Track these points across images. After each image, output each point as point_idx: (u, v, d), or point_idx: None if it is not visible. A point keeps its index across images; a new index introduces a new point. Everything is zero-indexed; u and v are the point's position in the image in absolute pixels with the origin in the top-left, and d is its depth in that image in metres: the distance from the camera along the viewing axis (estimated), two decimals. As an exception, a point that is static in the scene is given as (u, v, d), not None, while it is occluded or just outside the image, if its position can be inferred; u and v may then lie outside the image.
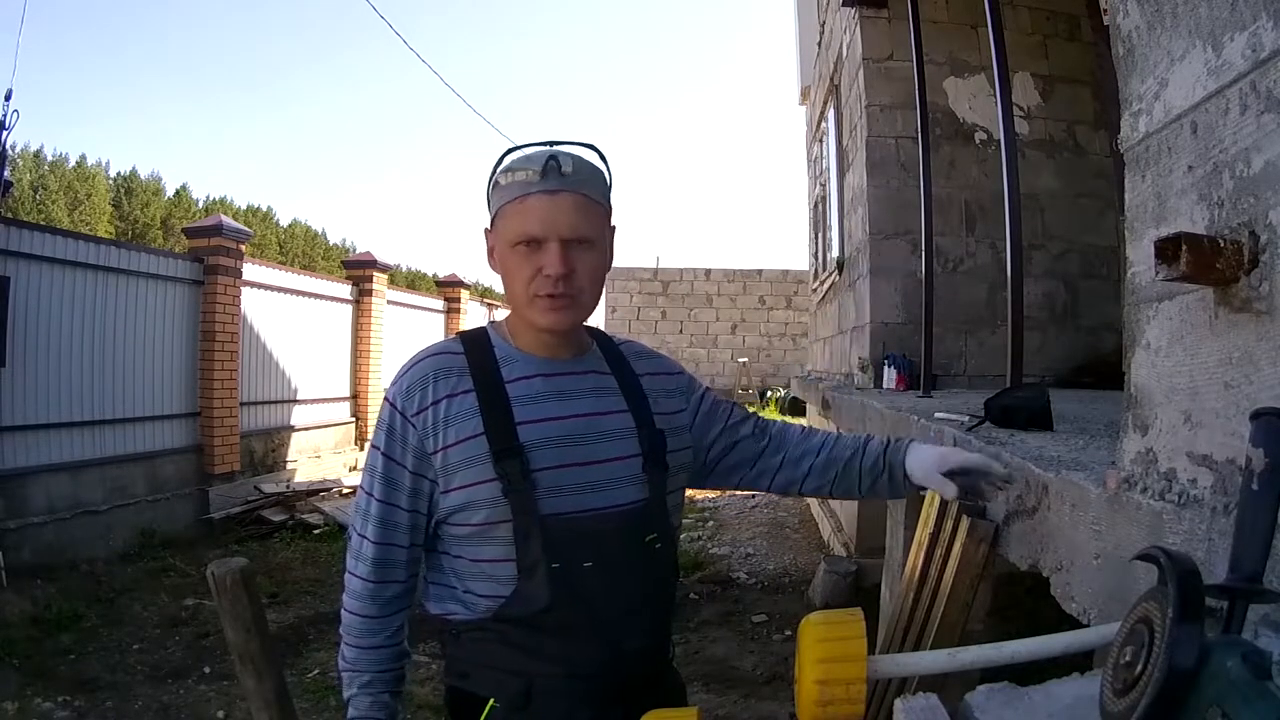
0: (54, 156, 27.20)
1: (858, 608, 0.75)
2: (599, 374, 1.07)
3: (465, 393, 0.98)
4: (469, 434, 0.97)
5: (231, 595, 1.42)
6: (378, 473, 1.00)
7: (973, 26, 4.20)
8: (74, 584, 4.17)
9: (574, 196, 0.96)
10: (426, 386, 0.99)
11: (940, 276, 3.84)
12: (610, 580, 0.97)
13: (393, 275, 9.31)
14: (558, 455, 0.97)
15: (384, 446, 1.00)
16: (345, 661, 1.06)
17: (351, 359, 8.12)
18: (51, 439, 4.70)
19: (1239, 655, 0.46)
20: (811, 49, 7.20)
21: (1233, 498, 0.75)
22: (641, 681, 1.02)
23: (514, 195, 0.96)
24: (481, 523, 0.97)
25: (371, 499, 1.00)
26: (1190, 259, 0.75)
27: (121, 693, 3.04)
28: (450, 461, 0.97)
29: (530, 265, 0.96)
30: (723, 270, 15.33)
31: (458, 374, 1.00)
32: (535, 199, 0.95)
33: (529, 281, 0.97)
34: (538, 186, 0.95)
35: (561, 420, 1.00)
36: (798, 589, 4.43)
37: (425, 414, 0.98)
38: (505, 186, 0.98)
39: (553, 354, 1.04)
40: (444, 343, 1.06)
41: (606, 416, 1.03)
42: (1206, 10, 0.82)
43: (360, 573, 1.02)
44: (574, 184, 0.96)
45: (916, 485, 1.14)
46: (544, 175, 0.95)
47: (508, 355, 1.03)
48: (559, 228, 0.95)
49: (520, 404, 0.99)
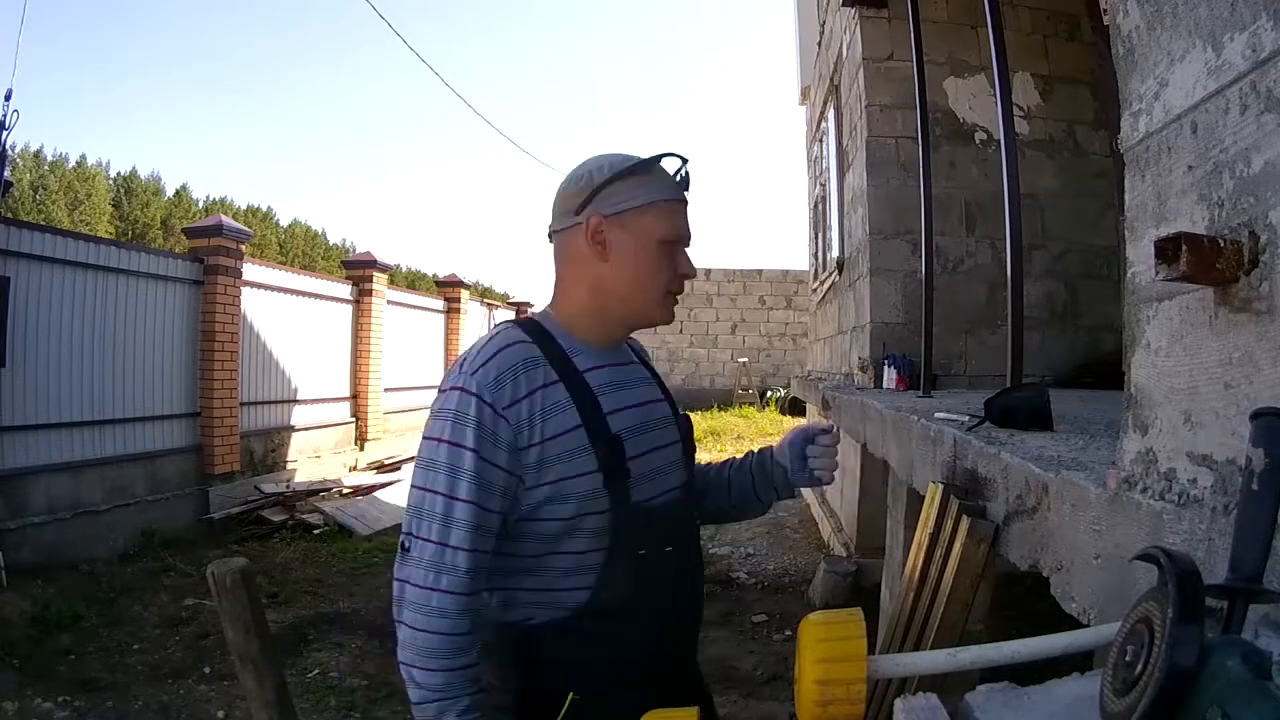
0: (54, 156, 27.24)
1: (858, 608, 0.75)
2: (636, 365, 1.12)
3: (554, 384, 0.96)
4: (569, 426, 0.95)
5: (231, 595, 1.43)
6: (466, 472, 0.91)
7: (973, 26, 4.20)
8: (74, 584, 4.17)
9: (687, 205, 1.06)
10: (518, 377, 0.94)
11: (940, 276, 3.84)
12: (681, 562, 1.03)
13: (393, 275, 9.31)
14: (638, 443, 1.00)
15: (471, 442, 0.91)
16: (430, 691, 0.92)
17: (351, 359, 8.12)
18: (51, 439, 4.70)
19: (1239, 655, 0.46)
20: (811, 49, 7.20)
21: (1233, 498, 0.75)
22: (690, 655, 1.11)
23: (663, 196, 1.01)
24: (571, 515, 0.95)
25: (456, 502, 0.91)
26: (1190, 259, 0.75)
27: (121, 693, 3.04)
28: (547, 455, 0.93)
29: (669, 265, 1.02)
30: (723, 270, 15.33)
31: (542, 365, 0.97)
32: (679, 205, 1.03)
33: (669, 279, 1.03)
34: (680, 194, 1.03)
35: (635, 409, 1.04)
36: (798, 589, 4.43)
37: (519, 406, 0.93)
38: (660, 183, 1.01)
39: (611, 347, 1.07)
40: (510, 332, 1.00)
41: (656, 404, 1.09)
42: (1206, 10, 0.82)
43: (448, 586, 0.91)
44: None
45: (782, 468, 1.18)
46: (685, 186, 1.04)
47: (573, 348, 1.02)
48: (689, 233, 1.05)
49: (602, 395, 0.99)
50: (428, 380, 9.96)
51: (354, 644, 3.61)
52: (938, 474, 1.94)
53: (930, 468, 2.04)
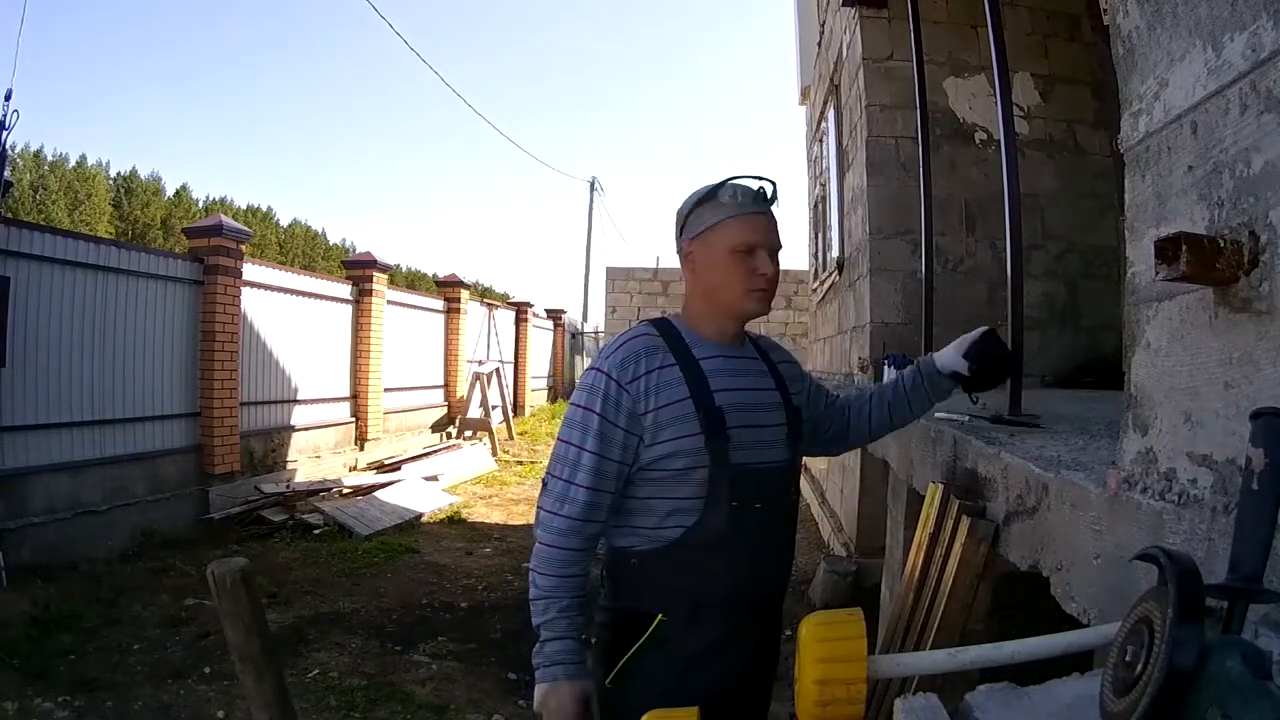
0: (54, 156, 27.18)
1: (858, 608, 0.75)
2: (756, 360, 1.35)
3: (670, 365, 1.23)
4: (678, 398, 1.21)
5: (231, 595, 1.43)
6: (592, 430, 1.20)
7: (973, 26, 4.21)
8: (74, 584, 4.17)
9: (773, 219, 1.28)
10: (639, 360, 1.22)
11: (940, 276, 3.84)
12: (770, 520, 1.25)
13: (393, 275, 9.30)
14: (741, 417, 1.23)
15: (599, 408, 1.20)
16: (542, 590, 1.20)
17: (351, 359, 8.11)
18: (52, 439, 4.69)
19: (1239, 655, 0.46)
20: (811, 49, 7.20)
21: (1233, 498, 0.75)
22: (774, 604, 1.33)
23: (734, 212, 1.24)
24: (682, 468, 1.20)
25: (584, 452, 1.20)
26: (1190, 259, 0.75)
27: (121, 693, 3.04)
28: (662, 420, 1.20)
29: (747, 268, 1.24)
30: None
31: (661, 352, 1.24)
32: (756, 218, 1.25)
33: (746, 278, 1.24)
34: (753, 208, 1.25)
35: (742, 390, 1.27)
36: (798, 589, 4.43)
37: (638, 382, 1.21)
38: (724, 204, 1.25)
39: (727, 342, 1.31)
40: (641, 328, 1.31)
41: (766, 391, 1.31)
42: (1206, 10, 0.82)
43: (567, 513, 1.20)
44: (772, 208, 1.28)
45: (949, 373, 1.45)
46: (758, 201, 1.26)
47: (694, 340, 1.28)
48: (771, 241, 1.26)
49: (712, 376, 1.24)
50: (428, 380, 9.95)
51: (354, 644, 3.61)
52: (938, 474, 1.94)
53: (930, 468, 2.04)
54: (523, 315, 13.59)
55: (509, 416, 11.24)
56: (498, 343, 12.40)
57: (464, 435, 9.89)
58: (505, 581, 4.65)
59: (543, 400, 15.03)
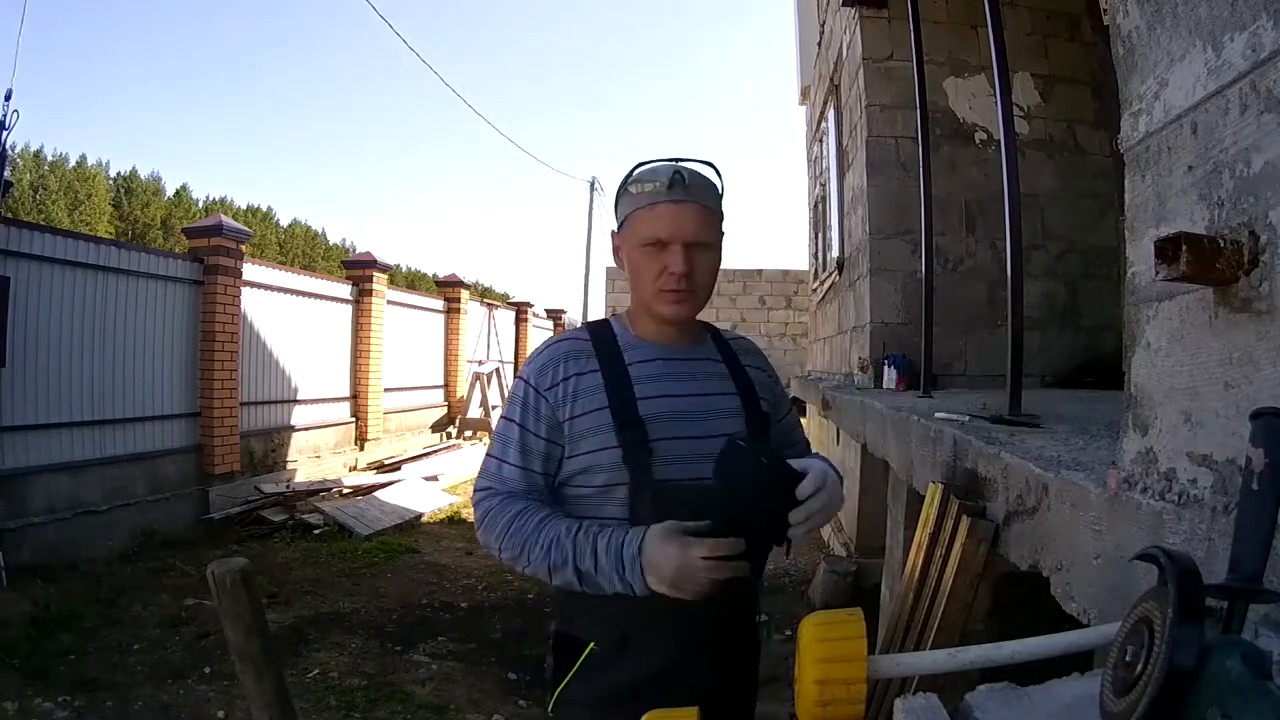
0: (54, 156, 27.21)
1: (858, 608, 0.75)
2: (711, 360, 1.21)
3: (592, 371, 1.13)
4: (595, 406, 1.10)
5: (231, 595, 1.43)
6: (513, 441, 1.13)
7: (973, 26, 4.21)
8: (74, 584, 4.17)
9: (695, 206, 1.11)
10: (558, 366, 1.13)
11: (940, 276, 3.84)
12: None
13: (393, 275, 9.30)
14: (673, 428, 1.10)
15: (519, 418, 1.13)
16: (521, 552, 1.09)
17: (351, 359, 8.12)
18: (51, 439, 4.70)
19: (1239, 655, 0.46)
20: (811, 49, 7.20)
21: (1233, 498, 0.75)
22: (733, 636, 1.17)
23: (644, 203, 1.11)
24: (602, 485, 1.09)
25: (504, 464, 1.13)
26: (1190, 259, 0.75)
27: (121, 693, 3.04)
28: (577, 430, 1.10)
29: (657, 264, 1.11)
30: (723, 270, 15.20)
31: (585, 356, 1.15)
32: (664, 207, 1.10)
33: (655, 277, 1.11)
34: (665, 197, 1.10)
35: (676, 397, 1.13)
36: (798, 589, 4.43)
37: (557, 389, 1.12)
38: (635, 195, 1.13)
39: (669, 341, 1.18)
40: (573, 331, 1.22)
41: (718, 397, 1.17)
42: (1206, 10, 0.82)
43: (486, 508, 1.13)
44: (695, 195, 1.11)
45: None
46: (670, 187, 1.10)
47: (630, 342, 1.17)
48: (683, 233, 1.10)
49: (640, 382, 1.13)
50: (428, 380, 9.96)
51: (354, 644, 3.61)
52: (938, 474, 1.94)
53: (930, 468, 2.04)
54: (523, 315, 13.60)
55: (509, 416, 11.23)
56: (498, 343, 12.41)
57: (464, 435, 9.90)
58: (505, 581, 4.65)
59: (543, 400, 14.99)
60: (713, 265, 1.16)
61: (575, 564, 1.04)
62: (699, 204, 1.11)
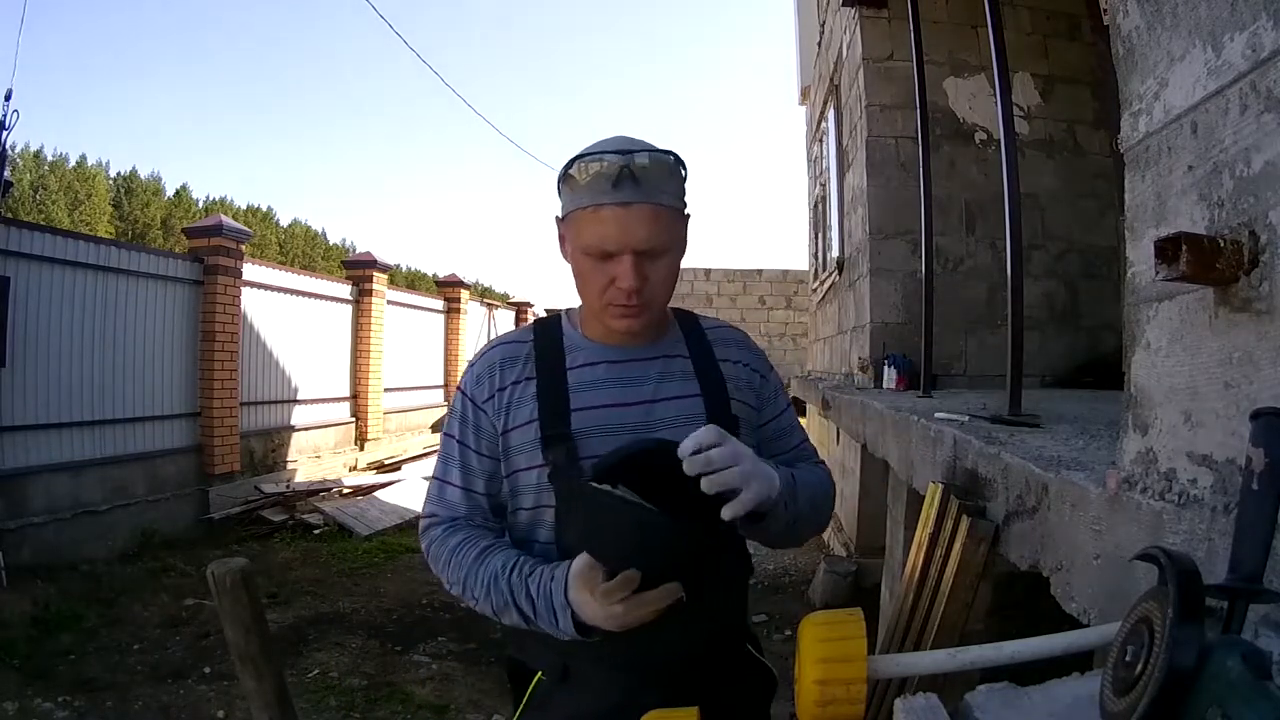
0: (54, 156, 27.23)
1: (858, 608, 0.75)
2: (670, 358, 1.04)
3: (529, 380, 1.01)
4: (525, 419, 0.98)
5: (231, 595, 1.43)
6: (453, 459, 1.02)
7: (973, 26, 4.20)
8: (74, 584, 4.17)
9: (647, 208, 0.93)
10: (494, 374, 1.02)
11: (940, 276, 3.84)
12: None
13: (393, 275, 9.30)
14: (607, 443, 0.94)
15: (458, 434, 1.03)
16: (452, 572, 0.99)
17: (351, 359, 8.12)
18: (51, 439, 4.70)
19: (1239, 655, 0.46)
20: (811, 49, 7.20)
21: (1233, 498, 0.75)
22: (688, 670, 0.99)
23: (587, 202, 0.93)
24: (532, 506, 0.99)
25: (446, 485, 1.03)
26: (1190, 259, 0.75)
27: (121, 693, 3.04)
28: (511, 445, 0.99)
29: (603, 274, 0.95)
30: (723, 270, 15.32)
31: (524, 361, 1.02)
32: (609, 210, 0.92)
33: (602, 290, 0.96)
34: (610, 198, 0.92)
35: (618, 407, 0.99)
36: (798, 589, 4.43)
37: (493, 400, 1.01)
38: (578, 190, 0.94)
39: (620, 342, 1.03)
40: (517, 331, 1.08)
41: (671, 402, 1.01)
42: (1206, 10, 0.82)
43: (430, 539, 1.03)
44: (647, 194, 0.93)
45: None
46: (616, 185, 0.92)
47: (574, 343, 1.04)
48: (633, 241, 0.93)
49: (578, 391, 0.99)
50: (428, 380, 9.95)
51: (354, 644, 3.61)
52: (938, 474, 1.94)
53: (930, 468, 2.04)
54: (523, 315, 13.60)
55: (509, 416, 11.24)
56: (498, 343, 12.40)
57: (464, 435, 9.88)
58: (505, 581, 4.65)
59: (543, 400, 15.00)
60: (670, 270, 0.99)
61: (516, 606, 0.92)
62: (651, 204, 0.93)
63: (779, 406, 1.12)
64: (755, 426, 1.08)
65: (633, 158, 0.93)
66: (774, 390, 1.12)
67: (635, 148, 0.95)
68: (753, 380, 1.09)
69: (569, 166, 0.96)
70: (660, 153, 0.96)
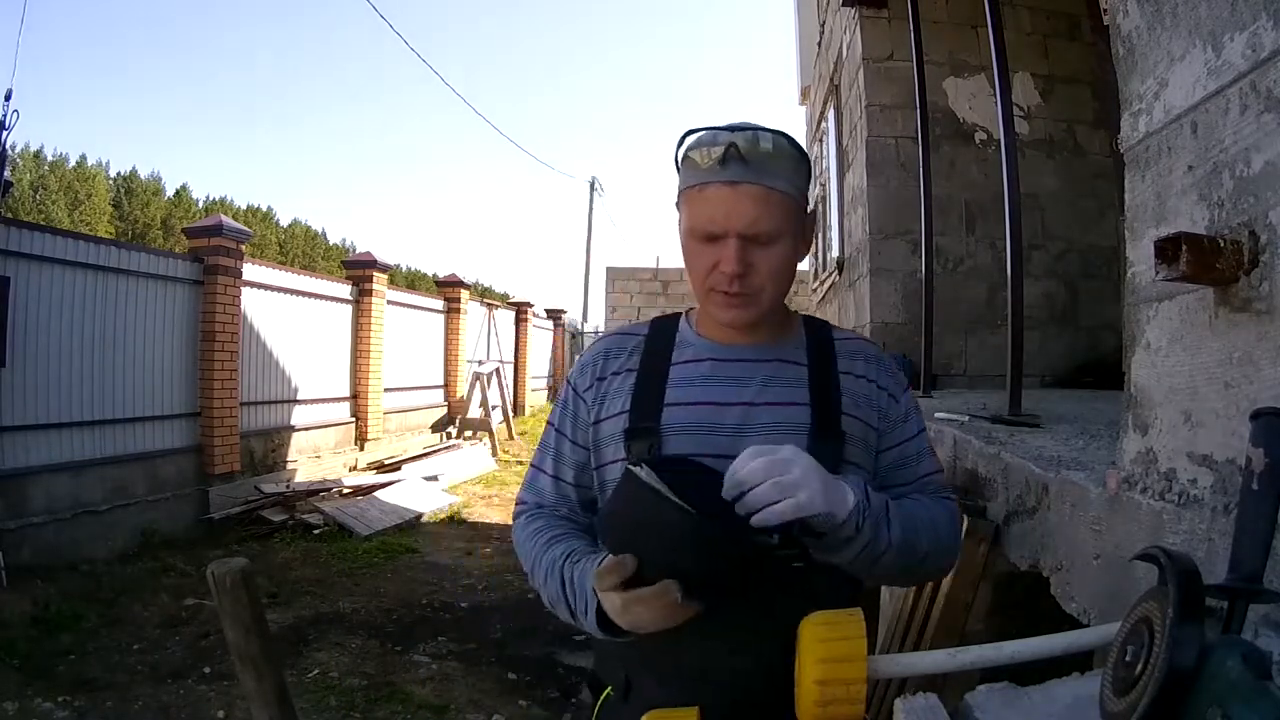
0: (54, 156, 27.20)
1: (858, 608, 0.75)
2: (784, 363, 0.97)
3: (630, 371, 0.99)
4: (617, 410, 0.96)
5: (231, 595, 1.43)
6: (549, 448, 1.03)
7: (973, 26, 4.20)
8: (74, 584, 4.17)
9: (755, 188, 0.88)
10: (598, 363, 1.01)
11: (940, 276, 3.84)
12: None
13: (393, 275, 9.30)
14: (695, 443, 0.91)
15: (557, 421, 1.03)
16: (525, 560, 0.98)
17: (351, 359, 8.11)
18: (51, 439, 4.69)
19: (1239, 655, 0.46)
20: (811, 49, 7.20)
21: (1233, 498, 0.75)
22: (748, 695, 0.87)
23: (694, 182, 0.90)
24: None
25: (540, 473, 1.03)
26: (1190, 259, 0.75)
27: (121, 693, 3.04)
28: (601, 436, 0.97)
29: (708, 258, 0.91)
30: (722, 270, 15.31)
31: (630, 352, 1.01)
32: (714, 189, 0.89)
33: (706, 274, 0.92)
34: (716, 176, 0.88)
35: (714, 407, 0.93)
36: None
37: (593, 389, 1.00)
38: (687, 168, 0.92)
39: (731, 340, 0.98)
40: (632, 325, 1.07)
41: (773, 408, 0.93)
42: (1206, 10, 0.82)
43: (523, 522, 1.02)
44: (756, 174, 0.88)
45: None
46: (723, 164, 0.88)
47: (687, 339, 1.01)
48: (737, 222, 0.88)
49: (676, 386, 0.95)
50: (428, 380, 9.95)
51: (354, 644, 3.61)
52: (938, 474, 1.93)
53: (930, 468, 2.03)
54: (523, 315, 13.59)
55: (509, 416, 11.24)
56: (498, 343, 12.40)
57: (464, 435, 9.89)
58: (505, 582, 4.66)
59: (543, 400, 15.02)
60: (782, 260, 0.92)
61: (565, 597, 0.88)
62: (759, 185, 0.88)
63: (906, 432, 1.00)
64: (873, 448, 0.97)
65: (742, 135, 0.89)
66: (903, 414, 1.01)
67: (747, 126, 0.91)
68: (877, 399, 0.98)
69: (680, 144, 0.94)
70: (775, 134, 0.91)
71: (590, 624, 0.86)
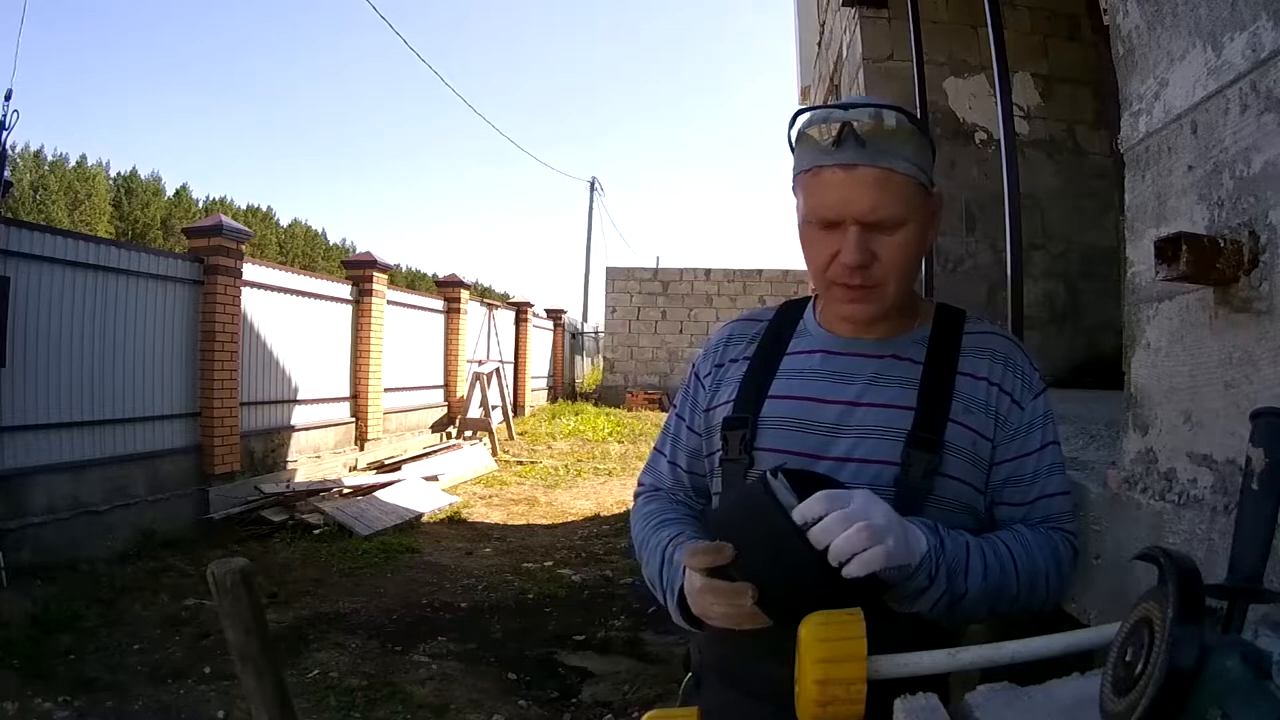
0: (54, 156, 27.20)
1: (858, 608, 0.74)
2: (899, 360, 0.90)
3: (745, 359, 0.96)
4: (726, 399, 0.94)
5: (231, 595, 1.43)
6: (669, 432, 1.03)
7: (973, 26, 4.20)
8: (74, 584, 4.17)
9: (874, 171, 0.81)
10: (719, 349, 1.00)
11: (940, 276, 3.84)
12: None
13: (393, 275, 9.30)
14: (787, 439, 0.87)
15: (678, 406, 1.03)
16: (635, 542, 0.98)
17: (351, 359, 8.11)
18: (51, 439, 4.69)
19: (1239, 655, 0.46)
20: (811, 49, 7.20)
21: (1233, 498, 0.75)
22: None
23: (808, 165, 0.84)
24: (717, 491, 0.95)
25: (660, 455, 1.04)
26: (1190, 259, 0.75)
27: (121, 693, 3.04)
28: (711, 423, 0.96)
29: (826, 247, 0.85)
30: (723, 270, 15.34)
31: (750, 340, 0.99)
32: (830, 174, 0.82)
33: (825, 265, 0.86)
34: (832, 159, 0.81)
35: (816, 403, 0.88)
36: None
37: (712, 374, 0.99)
38: (801, 151, 0.86)
39: (848, 332, 0.92)
40: (760, 310, 1.04)
41: (874, 410, 0.87)
42: (1206, 10, 0.82)
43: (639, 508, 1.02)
44: (874, 156, 0.81)
45: None
46: (839, 145, 0.81)
47: (805, 328, 0.97)
48: (856, 209, 0.81)
49: (785, 377, 0.92)
50: (428, 380, 9.95)
51: (354, 644, 3.61)
52: (938, 474, 1.93)
53: (930, 468, 2.03)
54: (523, 315, 13.59)
55: (509, 416, 11.24)
56: (498, 343, 12.40)
57: (464, 435, 9.89)
58: (505, 581, 4.65)
59: (543, 400, 15.03)
60: (907, 248, 0.86)
61: (660, 580, 0.87)
62: (878, 167, 0.81)
63: (1029, 445, 0.90)
64: (984, 461, 0.88)
65: (859, 112, 0.82)
66: (1029, 424, 0.91)
67: (864, 101, 0.84)
68: (997, 404, 0.89)
69: (792, 123, 0.87)
70: (893, 109, 0.84)
71: (673, 606, 0.85)
